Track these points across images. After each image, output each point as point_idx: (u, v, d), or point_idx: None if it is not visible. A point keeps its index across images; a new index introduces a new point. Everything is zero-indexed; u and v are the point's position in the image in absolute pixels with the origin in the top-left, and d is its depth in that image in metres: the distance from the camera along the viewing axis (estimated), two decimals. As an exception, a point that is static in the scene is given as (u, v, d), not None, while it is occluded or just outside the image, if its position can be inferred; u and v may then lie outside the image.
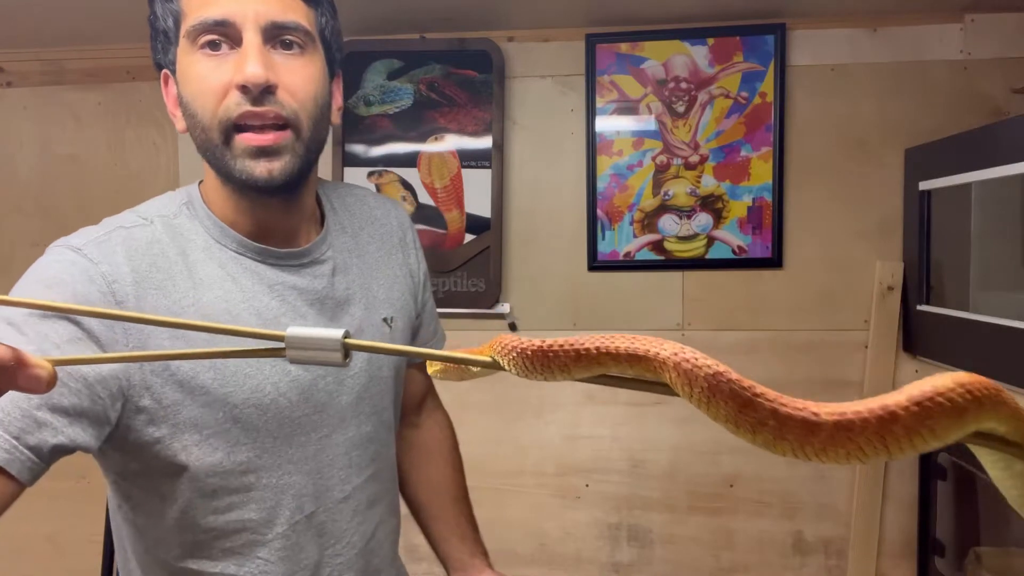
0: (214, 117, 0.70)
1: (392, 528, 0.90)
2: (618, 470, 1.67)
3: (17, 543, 1.79)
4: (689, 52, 1.60)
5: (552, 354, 0.39)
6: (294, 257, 0.78)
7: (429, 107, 1.66)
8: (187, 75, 0.72)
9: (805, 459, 0.32)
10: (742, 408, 0.33)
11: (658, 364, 0.36)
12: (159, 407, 0.68)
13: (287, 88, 0.71)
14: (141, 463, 0.70)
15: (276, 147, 0.70)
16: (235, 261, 0.75)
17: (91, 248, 0.69)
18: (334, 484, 0.79)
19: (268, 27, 0.70)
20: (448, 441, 1.05)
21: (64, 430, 0.61)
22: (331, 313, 0.79)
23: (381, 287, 0.86)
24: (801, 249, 1.61)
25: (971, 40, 1.55)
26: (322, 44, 0.77)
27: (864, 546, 1.60)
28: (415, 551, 1.47)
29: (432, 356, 0.43)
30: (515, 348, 0.41)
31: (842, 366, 1.61)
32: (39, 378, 0.35)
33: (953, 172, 1.37)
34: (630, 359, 0.37)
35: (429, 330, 0.99)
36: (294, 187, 0.74)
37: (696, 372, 0.34)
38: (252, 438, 0.73)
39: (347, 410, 0.80)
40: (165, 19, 0.74)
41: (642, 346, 0.37)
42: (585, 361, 0.38)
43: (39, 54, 1.76)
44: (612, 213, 1.64)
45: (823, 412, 0.31)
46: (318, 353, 0.40)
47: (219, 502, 0.73)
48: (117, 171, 1.78)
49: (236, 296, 0.73)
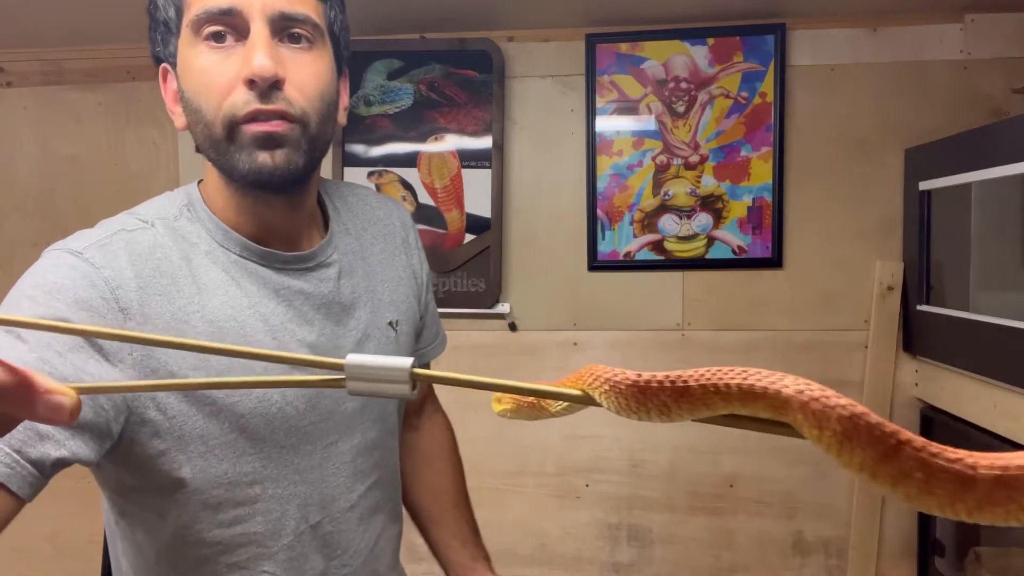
0: (218, 112, 0.67)
1: (394, 535, 0.89)
2: (618, 470, 1.67)
3: (17, 543, 1.79)
4: (689, 52, 1.60)
5: (649, 391, 0.34)
6: (300, 261, 0.75)
7: (429, 107, 1.66)
8: (189, 68, 0.69)
9: (954, 517, 0.29)
10: (884, 457, 0.29)
11: (780, 403, 0.31)
12: (164, 418, 0.66)
13: (295, 84, 0.68)
14: (140, 478, 0.68)
15: (282, 136, 0.67)
16: (238, 265, 0.72)
17: (93, 252, 0.66)
18: (340, 493, 0.78)
19: (276, 18, 0.67)
20: (448, 444, 1.03)
21: (66, 443, 0.58)
22: (337, 318, 0.77)
23: (386, 290, 0.84)
24: (801, 249, 1.61)
25: (971, 40, 1.55)
26: (331, 40, 0.74)
27: (864, 546, 1.60)
28: (415, 551, 1.47)
29: (514, 390, 0.38)
30: (608, 380, 0.36)
31: (842, 366, 1.61)
32: (61, 407, 0.30)
33: (953, 172, 1.37)
34: (744, 397, 0.32)
35: (431, 332, 0.97)
36: (298, 183, 0.72)
37: (828, 414, 0.30)
38: (258, 448, 0.71)
39: (353, 417, 0.78)
40: (166, 8, 0.70)
41: (758, 382, 0.32)
42: (688, 400, 0.33)
43: (39, 54, 1.76)
44: (612, 213, 1.64)
45: (980, 465, 0.27)
46: (382, 386, 0.36)
47: (224, 515, 0.71)
48: (117, 171, 1.78)
49: (242, 302, 0.71)
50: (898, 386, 1.59)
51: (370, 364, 0.36)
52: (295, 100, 0.68)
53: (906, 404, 1.58)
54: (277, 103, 0.67)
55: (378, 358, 0.36)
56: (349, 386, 0.37)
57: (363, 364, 0.36)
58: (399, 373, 0.36)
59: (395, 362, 0.36)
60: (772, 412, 0.32)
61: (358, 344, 0.78)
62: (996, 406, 1.26)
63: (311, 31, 0.70)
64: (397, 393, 0.36)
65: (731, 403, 0.32)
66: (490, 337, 1.69)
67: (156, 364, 0.65)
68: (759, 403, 0.32)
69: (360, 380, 0.37)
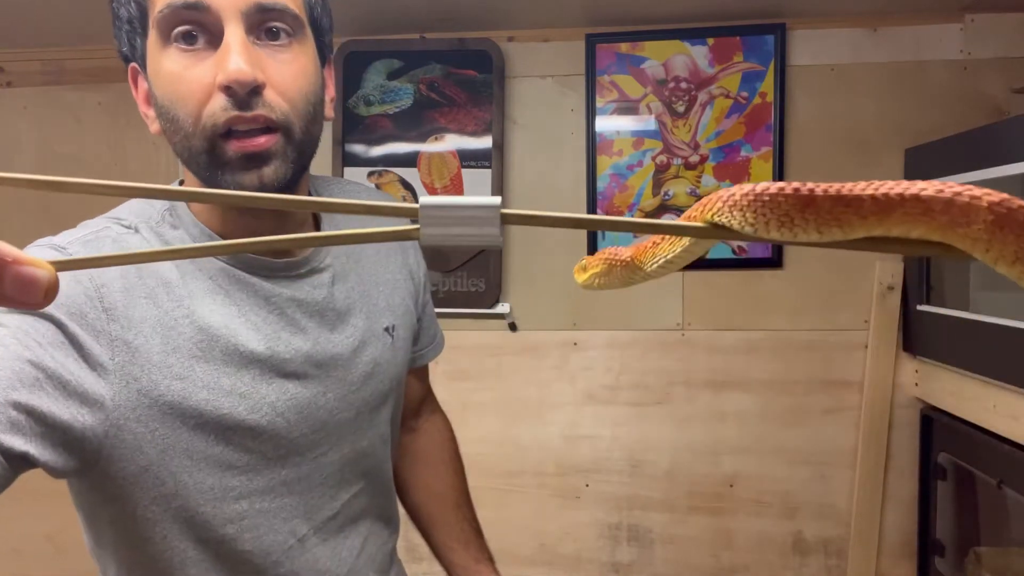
0: (197, 124, 0.62)
1: (384, 538, 0.86)
2: (618, 470, 1.67)
3: (17, 543, 1.79)
4: (689, 52, 1.60)
5: (771, 200, 0.29)
6: (291, 268, 0.71)
7: (429, 107, 1.66)
8: (159, 74, 0.63)
9: None
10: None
11: (920, 208, 0.28)
12: (146, 431, 0.62)
13: (276, 87, 0.63)
14: (119, 507, 0.64)
15: (267, 152, 0.63)
16: (225, 273, 0.68)
17: (77, 247, 0.63)
18: (324, 502, 0.74)
19: (251, 11, 0.62)
20: (447, 445, 1.01)
21: (34, 439, 0.54)
22: (331, 325, 0.74)
23: (382, 294, 0.81)
24: (801, 249, 1.61)
25: (971, 40, 1.55)
26: (312, 28, 0.69)
27: (864, 546, 1.60)
28: (415, 551, 1.47)
29: (618, 225, 0.32)
30: (722, 199, 0.31)
31: (842, 366, 1.61)
32: (34, 280, 0.25)
33: (953, 172, 1.37)
34: (879, 208, 0.28)
35: (428, 334, 0.95)
36: (286, 193, 0.66)
37: (976, 204, 0.27)
38: (244, 461, 0.67)
39: (345, 427, 0.75)
40: (128, 4, 0.64)
41: (891, 190, 0.28)
42: (814, 211, 0.29)
43: (39, 54, 1.76)
44: (612, 213, 1.63)
45: None
46: (465, 229, 0.31)
47: (211, 534, 0.67)
48: (117, 171, 1.77)
49: (231, 311, 0.67)
50: (898, 386, 1.58)
51: (451, 204, 0.31)
52: (276, 105, 0.63)
53: (906, 404, 1.58)
54: (257, 109, 0.62)
55: (460, 198, 0.31)
56: (424, 233, 0.31)
57: (442, 204, 0.31)
58: (486, 212, 0.31)
59: (481, 201, 0.31)
60: (909, 222, 0.28)
61: (354, 351, 0.76)
62: (996, 406, 1.26)
63: (291, 23, 0.65)
64: (484, 238, 0.31)
65: (865, 218, 0.29)
66: (490, 337, 1.69)
67: (138, 372, 0.62)
68: (895, 213, 0.28)
69: (438, 226, 0.31)
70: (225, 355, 0.66)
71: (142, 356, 0.62)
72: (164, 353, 0.63)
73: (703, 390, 1.63)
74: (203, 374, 0.65)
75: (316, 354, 0.72)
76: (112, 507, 0.66)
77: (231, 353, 0.66)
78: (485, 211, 0.31)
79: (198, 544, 0.68)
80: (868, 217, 0.29)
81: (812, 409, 1.61)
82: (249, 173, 0.63)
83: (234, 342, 0.66)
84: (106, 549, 0.70)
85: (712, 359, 1.63)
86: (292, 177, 0.66)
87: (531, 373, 1.68)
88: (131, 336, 0.62)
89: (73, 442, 0.59)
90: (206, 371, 0.65)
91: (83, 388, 0.59)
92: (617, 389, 1.66)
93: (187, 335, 0.65)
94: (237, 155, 0.63)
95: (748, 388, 1.62)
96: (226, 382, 0.66)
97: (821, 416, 1.61)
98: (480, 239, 0.31)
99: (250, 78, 0.60)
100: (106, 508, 0.66)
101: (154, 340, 0.63)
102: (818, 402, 1.61)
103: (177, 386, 0.63)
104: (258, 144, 0.63)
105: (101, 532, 0.69)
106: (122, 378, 0.61)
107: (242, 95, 0.61)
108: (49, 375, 0.56)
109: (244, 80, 0.60)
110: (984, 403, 1.30)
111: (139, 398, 0.62)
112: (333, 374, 0.74)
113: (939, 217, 0.28)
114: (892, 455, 1.59)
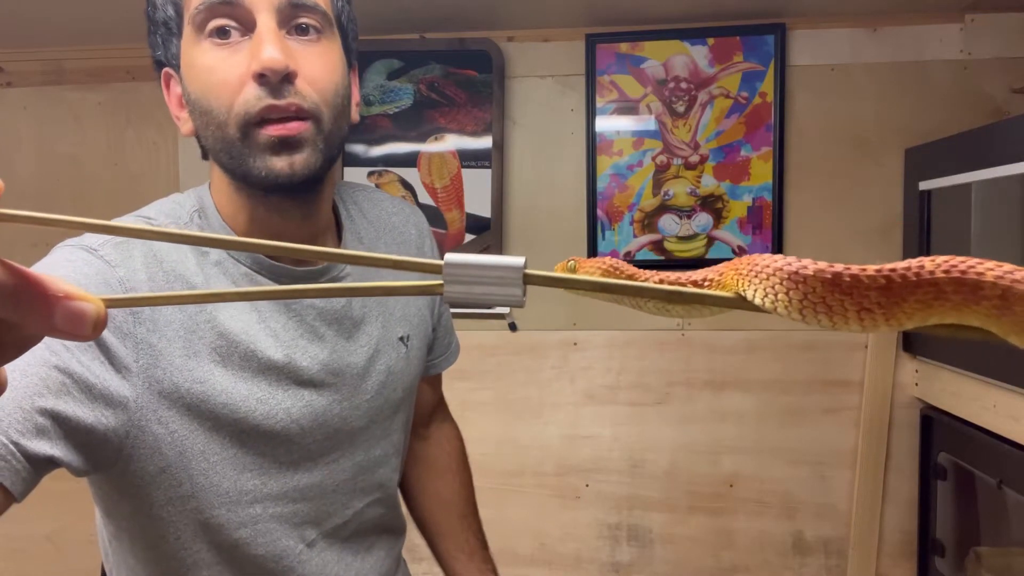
0: (230, 112, 0.63)
1: (390, 544, 0.87)
2: (618, 470, 1.67)
3: (17, 543, 1.79)
4: (689, 52, 1.60)
5: (854, 285, 0.26)
6: (312, 277, 0.73)
7: (429, 107, 1.66)
8: (194, 68, 0.65)
9: None
10: None
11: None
12: (166, 432, 0.63)
13: (306, 77, 0.65)
14: (136, 503, 0.66)
15: (298, 138, 0.64)
16: (248, 278, 0.69)
17: (108, 249, 0.63)
18: (336, 510, 0.75)
19: (283, 7, 0.64)
20: (457, 454, 1.01)
21: (59, 442, 0.55)
22: (348, 333, 0.75)
23: (398, 303, 0.81)
24: (801, 249, 1.61)
25: (971, 40, 1.55)
26: (339, 31, 0.71)
27: (864, 546, 1.60)
28: (415, 551, 1.47)
29: (652, 293, 0.32)
30: (781, 271, 0.29)
31: (842, 366, 1.61)
32: (83, 315, 0.25)
33: (953, 172, 1.37)
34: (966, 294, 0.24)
35: (443, 344, 0.95)
36: (314, 185, 0.69)
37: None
38: (258, 464, 0.68)
39: (358, 435, 0.76)
40: (164, 8, 0.67)
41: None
42: (897, 297, 0.25)
43: (39, 54, 1.76)
44: (612, 213, 1.64)
45: None
46: (488, 289, 0.31)
47: (224, 537, 0.68)
48: (117, 171, 1.78)
49: (252, 316, 0.68)
50: (898, 386, 1.58)
51: (474, 263, 0.31)
52: (308, 94, 0.65)
53: (906, 404, 1.58)
54: (290, 97, 0.63)
55: (484, 257, 0.31)
56: (447, 291, 0.31)
57: (466, 263, 0.31)
58: (510, 273, 0.30)
59: (504, 261, 0.31)
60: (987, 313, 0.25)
61: (368, 360, 0.76)
62: (996, 406, 1.26)
63: (320, 20, 0.67)
64: (507, 299, 0.31)
65: (958, 308, 0.25)
66: (490, 337, 1.69)
67: (161, 374, 0.63)
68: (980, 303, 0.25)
69: (460, 284, 0.31)
70: (243, 360, 0.67)
71: (165, 359, 0.63)
72: (185, 356, 0.64)
73: (703, 390, 1.63)
74: (221, 378, 0.66)
75: (332, 362, 0.73)
76: (129, 504, 0.67)
77: (249, 359, 0.67)
78: (509, 272, 0.30)
79: (211, 547, 0.68)
80: (945, 308, 0.26)
81: (812, 409, 1.61)
82: (280, 158, 0.64)
83: (252, 348, 0.67)
84: (123, 543, 0.71)
85: (712, 359, 1.63)
86: (321, 167, 0.67)
87: (531, 373, 1.68)
88: (155, 339, 0.63)
89: (96, 443, 0.60)
90: (224, 375, 0.66)
91: (108, 390, 0.59)
92: (617, 389, 1.66)
93: (208, 339, 0.65)
94: (270, 140, 0.64)
95: (748, 388, 1.62)
96: (243, 387, 0.66)
97: (821, 416, 1.61)
98: (502, 299, 0.31)
99: (283, 65, 0.62)
100: (124, 504, 0.67)
101: (176, 343, 0.64)
102: (818, 402, 1.61)
103: (197, 389, 0.64)
104: (291, 129, 0.64)
105: (119, 526, 0.70)
106: (145, 380, 0.62)
107: (275, 82, 0.62)
108: (75, 379, 0.57)
109: (277, 67, 0.62)
110: (984, 403, 1.30)
111: (160, 400, 0.63)
112: (347, 382, 0.74)
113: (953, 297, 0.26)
114: (892, 455, 1.59)
